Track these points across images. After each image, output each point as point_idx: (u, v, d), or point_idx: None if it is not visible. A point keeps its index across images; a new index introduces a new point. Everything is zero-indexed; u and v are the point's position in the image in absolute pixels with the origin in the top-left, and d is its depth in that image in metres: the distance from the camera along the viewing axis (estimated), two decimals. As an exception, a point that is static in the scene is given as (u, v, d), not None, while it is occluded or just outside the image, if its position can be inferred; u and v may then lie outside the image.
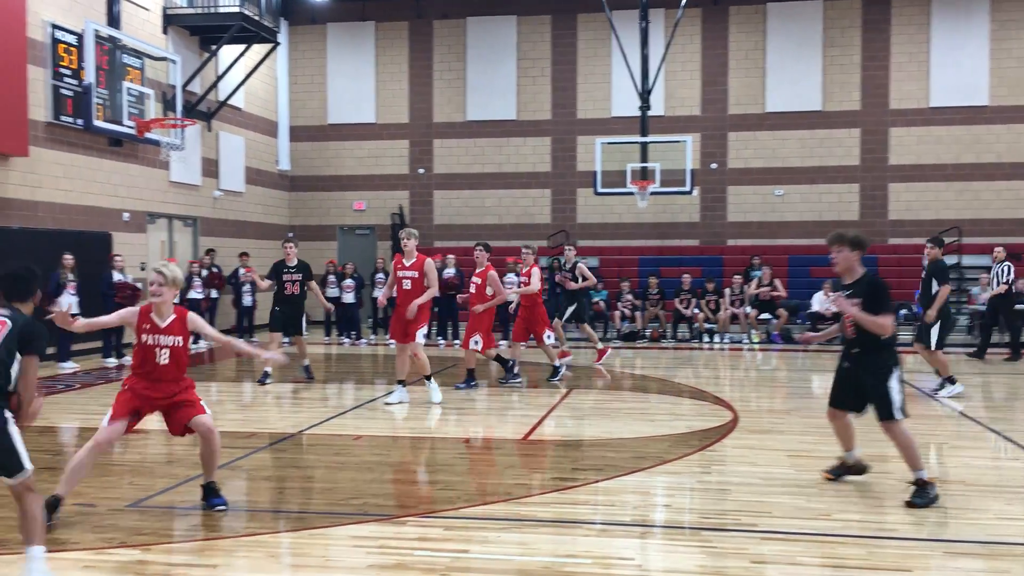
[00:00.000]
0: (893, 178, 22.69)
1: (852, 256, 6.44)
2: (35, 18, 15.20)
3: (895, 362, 6.40)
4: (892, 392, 6.30)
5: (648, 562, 5.19)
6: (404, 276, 10.68)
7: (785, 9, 22.88)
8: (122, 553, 5.25)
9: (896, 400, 6.31)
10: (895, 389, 6.31)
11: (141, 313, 6.14)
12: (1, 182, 14.59)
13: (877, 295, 6.31)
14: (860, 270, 6.50)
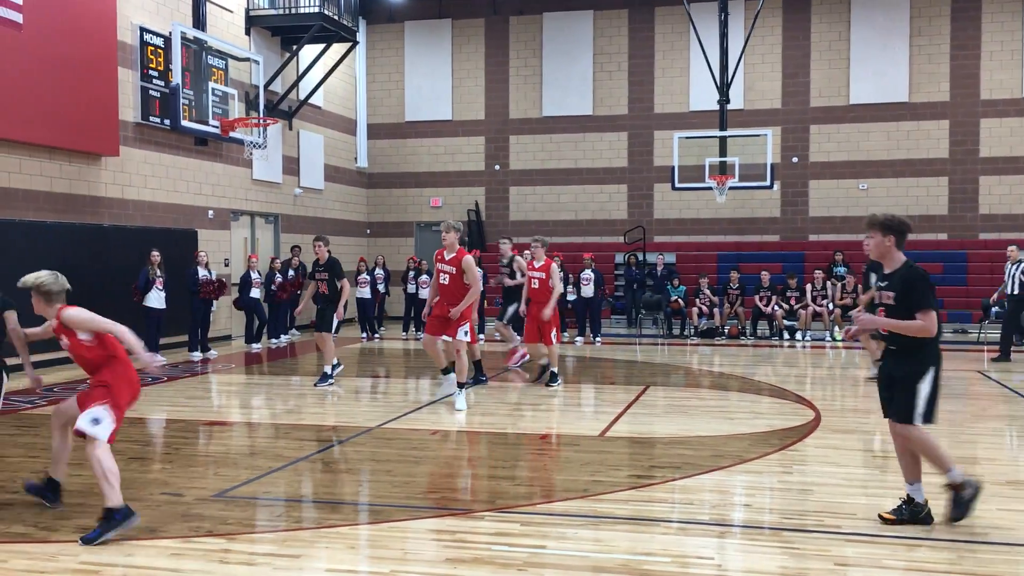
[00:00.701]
0: (984, 171, 21.93)
1: (885, 242, 5.72)
2: (125, 21, 15.70)
3: (933, 362, 5.66)
4: (919, 395, 5.62)
5: (727, 562, 5.11)
6: (442, 270, 10.28)
7: (870, -2, 22.29)
8: (208, 542, 5.39)
9: (920, 404, 5.61)
10: (923, 393, 5.61)
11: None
12: (93, 181, 15.11)
13: (911, 289, 5.57)
14: (899, 258, 5.74)
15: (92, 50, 14.68)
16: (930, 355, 5.67)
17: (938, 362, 5.71)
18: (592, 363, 15.09)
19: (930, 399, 5.65)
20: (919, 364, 5.63)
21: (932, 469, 5.78)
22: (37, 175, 13.95)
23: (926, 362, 5.64)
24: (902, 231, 5.74)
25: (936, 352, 5.71)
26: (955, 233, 22.05)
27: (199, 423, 9.50)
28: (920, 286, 5.57)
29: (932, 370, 5.65)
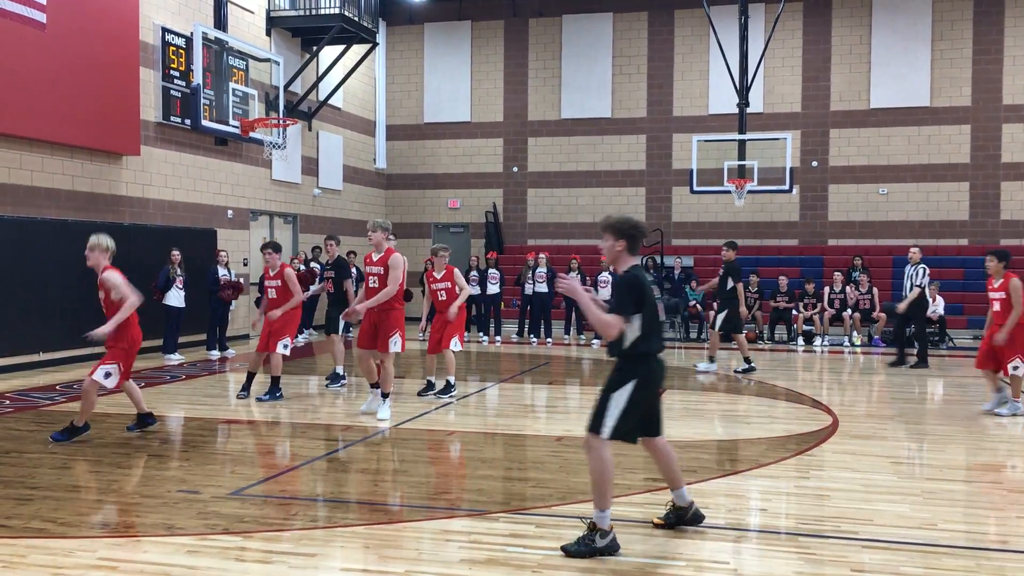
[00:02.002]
0: (1006, 176, 21.76)
1: (616, 246, 5.35)
2: (147, 22, 15.81)
3: (636, 376, 5.24)
4: (610, 405, 5.21)
5: (743, 566, 5.09)
6: (371, 272, 9.47)
7: (891, 2, 22.16)
8: (224, 539, 5.41)
9: (610, 416, 5.19)
10: (616, 404, 5.20)
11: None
12: (114, 180, 15.22)
13: (615, 292, 5.32)
14: (627, 263, 5.36)
15: (114, 50, 14.80)
16: (635, 368, 5.27)
17: (643, 377, 5.26)
18: (608, 366, 15.04)
19: (624, 414, 5.19)
20: (620, 374, 5.30)
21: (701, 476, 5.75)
22: (59, 174, 14.07)
23: (628, 374, 5.27)
24: (633, 236, 5.36)
25: (643, 367, 5.28)
26: (976, 239, 21.88)
27: (216, 421, 9.55)
28: (621, 290, 5.27)
29: (632, 383, 5.22)
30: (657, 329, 5.37)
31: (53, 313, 13.51)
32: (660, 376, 5.45)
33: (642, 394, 5.28)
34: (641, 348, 5.29)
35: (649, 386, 5.34)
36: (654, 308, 5.33)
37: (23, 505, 6.12)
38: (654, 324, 5.33)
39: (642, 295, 5.27)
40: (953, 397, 11.83)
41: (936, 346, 17.68)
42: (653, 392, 5.44)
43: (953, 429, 9.26)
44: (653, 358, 5.37)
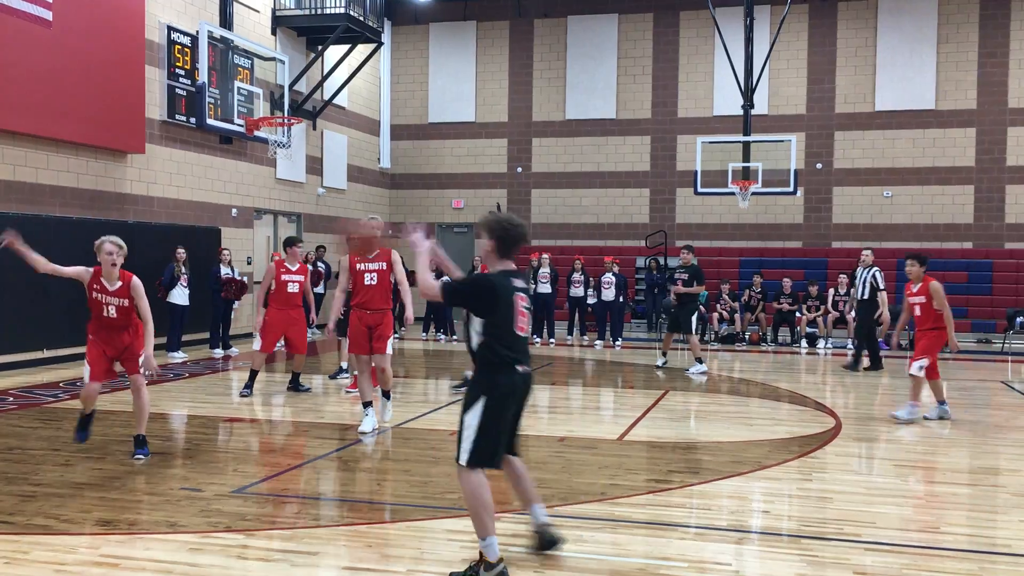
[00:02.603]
0: (1011, 180, 21.72)
1: (487, 246, 4.95)
2: (153, 20, 15.84)
3: (487, 391, 4.76)
4: (464, 429, 4.77)
5: (745, 568, 5.09)
6: (368, 270, 8.86)
7: (897, 4, 22.14)
8: (227, 537, 5.42)
9: (465, 441, 4.75)
10: (469, 425, 4.75)
11: (94, 274, 7.40)
12: (119, 178, 15.25)
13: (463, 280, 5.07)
14: (496, 266, 4.97)
15: (120, 48, 14.82)
16: (484, 382, 4.80)
17: (491, 394, 4.75)
18: (612, 367, 15.06)
19: (479, 437, 4.71)
20: (471, 390, 4.85)
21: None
22: (64, 171, 14.10)
23: (477, 389, 4.80)
24: (503, 237, 4.89)
25: (491, 381, 4.79)
26: (981, 242, 21.85)
27: (219, 419, 9.56)
28: (466, 281, 5.00)
29: (482, 403, 4.73)
30: (509, 342, 4.80)
31: (56, 310, 13.53)
32: (514, 393, 4.85)
33: (494, 414, 4.74)
34: (488, 356, 4.80)
35: (502, 405, 4.77)
36: (507, 319, 4.80)
37: (26, 502, 6.13)
38: (505, 335, 4.79)
39: (488, 301, 4.78)
40: (956, 401, 11.81)
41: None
42: (508, 411, 4.85)
43: (956, 432, 9.24)
44: (505, 371, 4.79)
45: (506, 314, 4.80)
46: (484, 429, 4.72)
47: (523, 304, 4.89)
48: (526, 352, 4.93)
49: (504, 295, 4.82)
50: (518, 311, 4.84)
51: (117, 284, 7.37)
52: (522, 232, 5.01)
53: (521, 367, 4.85)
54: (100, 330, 7.44)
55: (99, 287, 7.35)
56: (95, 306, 7.38)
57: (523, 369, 4.86)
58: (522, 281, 5.01)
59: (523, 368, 4.86)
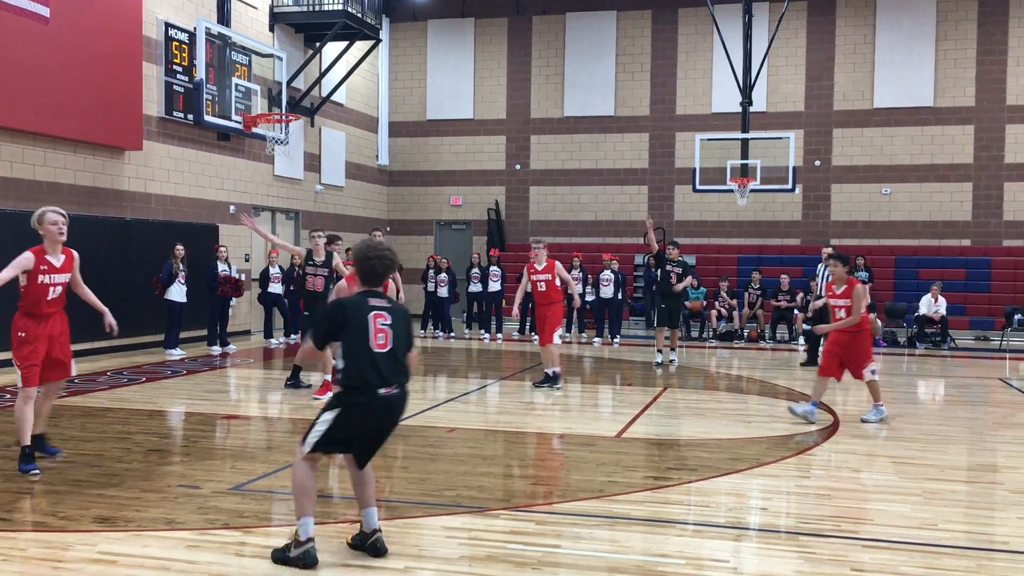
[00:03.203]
0: (1009, 177, 21.73)
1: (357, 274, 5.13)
2: (150, 16, 15.81)
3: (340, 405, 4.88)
4: (316, 424, 4.92)
5: (743, 565, 5.08)
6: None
7: (896, 2, 22.14)
8: (225, 534, 5.41)
9: (313, 435, 4.91)
10: (320, 425, 4.89)
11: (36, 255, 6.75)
12: (117, 175, 15.23)
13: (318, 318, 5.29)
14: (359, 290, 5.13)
15: (117, 45, 14.80)
16: (345, 399, 4.90)
17: (345, 409, 4.88)
18: (610, 364, 15.06)
19: (324, 436, 4.89)
20: (333, 398, 5.00)
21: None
22: (61, 168, 14.08)
23: (336, 400, 4.94)
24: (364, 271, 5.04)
25: (347, 399, 4.89)
26: (979, 239, 21.86)
27: (217, 417, 9.55)
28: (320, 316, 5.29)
29: (336, 412, 4.87)
30: (366, 361, 4.84)
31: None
32: (366, 415, 4.92)
33: (344, 424, 4.89)
34: (343, 380, 4.89)
35: (351, 419, 4.89)
36: (360, 339, 4.85)
37: (23, 498, 6.12)
38: (360, 355, 4.85)
39: (336, 325, 4.89)
40: (955, 398, 11.82)
41: (938, 346, 17.68)
42: (361, 428, 4.97)
43: (954, 429, 9.25)
44: (360, 392, 4.86)
45: (358, 334, 4.86)
46: (332, 433, 4.89)
47: (382, 321, 4.92)
48: (393, 369, 4.92)
49: (355, 314, 4.88)
50: (375, 329, 4.89)
51: (61, 258, 6.87)
52: (385, 264, 5.05)
53: (384, 389, 4.87)
54: (40, 321, 6.79)
55: (47, 266, 6.73)
56: (39, 291, 6.73)
57: (386, 392, 4.87)
58: (382, 300, 5.04)
59: (386, 391, 4.88)
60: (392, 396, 4.93)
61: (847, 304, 9.36)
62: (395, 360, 4.95)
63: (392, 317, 4.99)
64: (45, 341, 6.81)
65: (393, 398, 4.95)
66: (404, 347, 5.03)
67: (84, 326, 8.11)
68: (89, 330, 14.70)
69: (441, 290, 19.46)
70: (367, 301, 5.00)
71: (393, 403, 4.98)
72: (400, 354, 4.99)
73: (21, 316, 6.79)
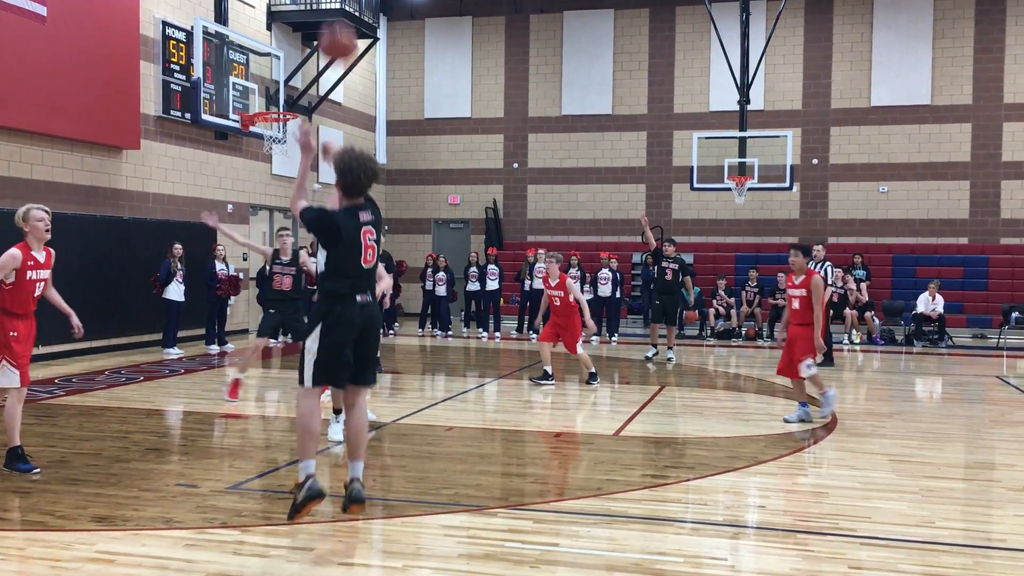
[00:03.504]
0: (1007, 175, 21.74)
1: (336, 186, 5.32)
2: (147, 15, 15.79)
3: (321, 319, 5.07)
4: (305, 355, 5.09)
5: (740, 563, 5.09)
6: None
7: (893, 0, 22.13)
8: (222, 533, 5.41)
9: (306, 367, 5.08)
10: (308, 353, 5.06)
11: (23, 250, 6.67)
12: (114, 174, 15.21)
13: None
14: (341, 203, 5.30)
15: (114, 43, 14.78)
16: (321, 310, 5.11)
17: (326, 320, 5.04)
18: (608, 362, 15.06)
19: (317, 361, 5.03)
20: (311, 319, 5.18)
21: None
22: (59, 167, 14.06)
23: (315, 318, 5.13)
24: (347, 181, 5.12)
25: (326, 308, 5.07)
26: (976, 237, 21.88)
27: (215, 416, 9.55)
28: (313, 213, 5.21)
29: (318, 328, 5.05)
30: (353, 274, 5.07)
31: (52, 307, 13.49)
32: (350, 321, 5.07)
33: (331, 338, 5.02)
34: (327, 286, 5.10)
35: (336, 328, 5.03)
36: (351, 253, 5.04)
37: (21, 498, 6.12)
38: (349, 268, 5.06)
39: (332, 237, 5.04)
40: (952, 395, 11.84)
41: (935, 344, 17.70)
42: (346, 334, 5.07)
43: (951, 427, 9.26)
44: (341, 300, 5.06)
45: (350, 249, 5.01)
46: (322, 353, 5.00)
47: (371, 237, 5.08)
48: (371, 283, 5.13)
49: (348, 232, 5.01)
50: (365, 245, 5.03)
51: (44, 255, 6.82)
52: (369, 173, 5.07)
53: (361, 296, 5.06)
54: (25, 320, 6.77)
55: (33, 262, 6.68)
56: (28, 288, 6.68)
57: (362, 299, 5.07)
58: (369, 214, 5.13)
59: (363, 298, 5.07)
60: (367, 302, 5.10)
61: (802, 295, 9.21)
62: (372, 273, 5.15)
63: (377, 232, 5.15)
64: (32, 340, 6.88)
65: (368, 304, 5.11)
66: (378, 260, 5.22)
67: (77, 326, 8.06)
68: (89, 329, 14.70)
69: (440, 289, 19.45)
70: (358, 217, 5.04)
71: (370, 307, 5.12)
72: (374, 267, 5.18)
73: (7, 316, 6.68)
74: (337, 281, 5.06)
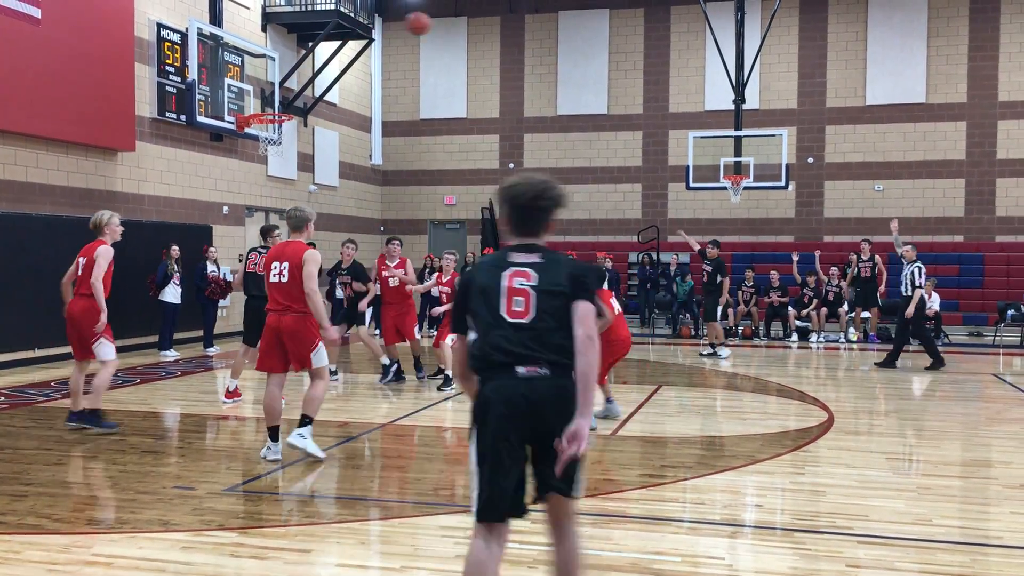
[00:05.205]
0: (1001, 173, 21.78)
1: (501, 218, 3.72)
2: (142, 17, 15.77)
3: (472, 415, 3.58)
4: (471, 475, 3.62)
5: (738, 562, 5.09)
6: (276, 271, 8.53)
7: (887, -2, 22.18)
8: (220, 535, 5.41)
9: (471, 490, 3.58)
10: (472, 471, 3.57)
11: None
12: (109, 176, 15.19)
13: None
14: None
15: (109, 45, 14.75)
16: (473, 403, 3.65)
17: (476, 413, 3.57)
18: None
19: (475, 480, 3.59)
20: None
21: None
22: (54, 169, 14.03)
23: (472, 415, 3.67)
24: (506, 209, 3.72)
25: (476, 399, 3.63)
26: (971, 235, 21.91)
27: (212, 417, 9.53)
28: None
29: (474, 433, 3.58)
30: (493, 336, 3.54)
31: (48, 309, 13.46)
32: (501, 405, 3.48)
33: (483, 443, 3.53)
34: (473, 364, 3.64)
35: (488, 428, 3.51)
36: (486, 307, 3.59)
37: (18, 501, 6.10)
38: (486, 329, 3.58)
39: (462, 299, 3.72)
40: (948, 393, 11.85)
41: None
42: (503, 433, 3.49)
43: (948, 425, 9.27)
44: (492, 378, 3.54)
45: (483, 301, 3.59)
46: (478, 467, 3.55)
47: (520, 281, 3.55)
48: (527, 343, 3.48)
49: (479, 279, 3.65)
50: (505, 290, 3.55)
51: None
52: (523, 194, 3.66)
53: (523, 367, 3.47)
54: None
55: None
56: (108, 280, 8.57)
57: (525, 371, 3.47)
58: (524, 255, 3.63)
59: (525, 369, 3.47)
60: (532, 377, 3.47)
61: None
62: (533, 332, 3.51)
63: (533, 277, 3.57)
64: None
65: (533, 380, 3.47)
66: (556, 315, 3.52)
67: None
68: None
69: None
70: (506, 257, 3.67)
71: (534, 386, 3.47)
72: (552, 324, 3.51)
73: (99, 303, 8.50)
74: (477, 354, 3.60)
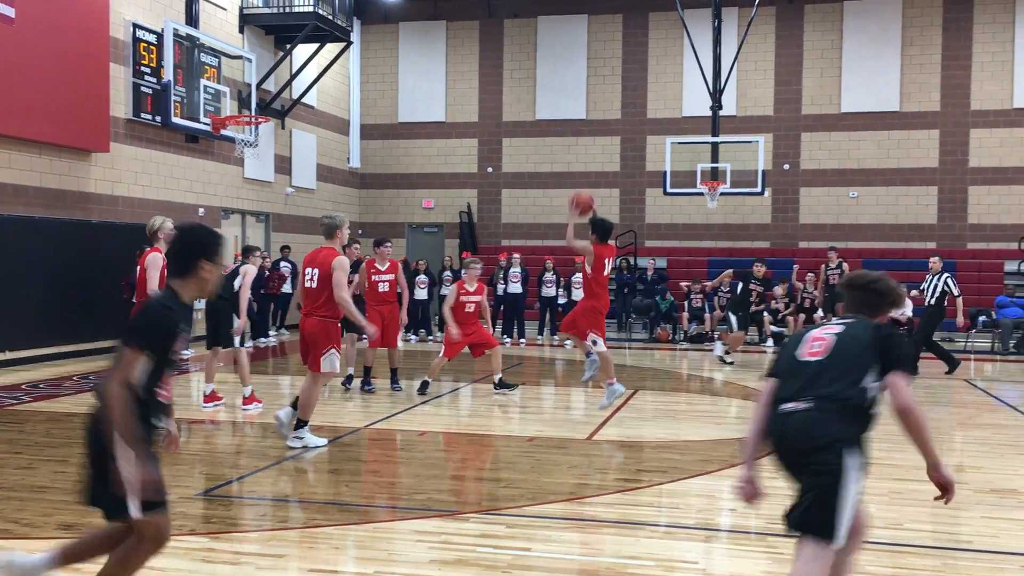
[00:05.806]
0: (974, 181, 22.03)
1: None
2: (117, 17, 15.64)
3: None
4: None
5: (712, 566, 5.11)
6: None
7: (862, 8, 22.38)
8: (192, 540, 5.36)
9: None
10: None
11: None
12: (83, 177, 15.05)
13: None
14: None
15: (84, 46, 14.63)
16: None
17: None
18: (582, 367, 15.06)
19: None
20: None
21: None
22: (27, 170, 13.89)
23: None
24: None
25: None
26: (944, 242, 22.14)
27: (185, 421, 9.45)
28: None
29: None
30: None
31: (20, 311, 13.34)
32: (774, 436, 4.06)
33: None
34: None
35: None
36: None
37: (-14, 505, 6.03)
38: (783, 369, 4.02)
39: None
40: (920, 398, 11.94)
41: None
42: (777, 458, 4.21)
43: (920, 430, 9.34)
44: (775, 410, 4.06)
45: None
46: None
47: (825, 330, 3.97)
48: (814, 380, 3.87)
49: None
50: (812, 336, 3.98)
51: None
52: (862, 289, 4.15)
53: (791, 403, 3.91)
54: None
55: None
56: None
57: (792, 406, 3.92)
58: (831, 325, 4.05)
59: (792, 405, 3.90)
60: (796, 410, 3.88)
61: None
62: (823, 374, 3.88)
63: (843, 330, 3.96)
64: None
65: (796, 412, 3.87)
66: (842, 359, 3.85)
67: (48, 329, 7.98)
68: (58, 334, 14.50)
69: (420, 292, 19.36)
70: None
71: (796, 418, 3.87)
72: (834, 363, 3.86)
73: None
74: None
